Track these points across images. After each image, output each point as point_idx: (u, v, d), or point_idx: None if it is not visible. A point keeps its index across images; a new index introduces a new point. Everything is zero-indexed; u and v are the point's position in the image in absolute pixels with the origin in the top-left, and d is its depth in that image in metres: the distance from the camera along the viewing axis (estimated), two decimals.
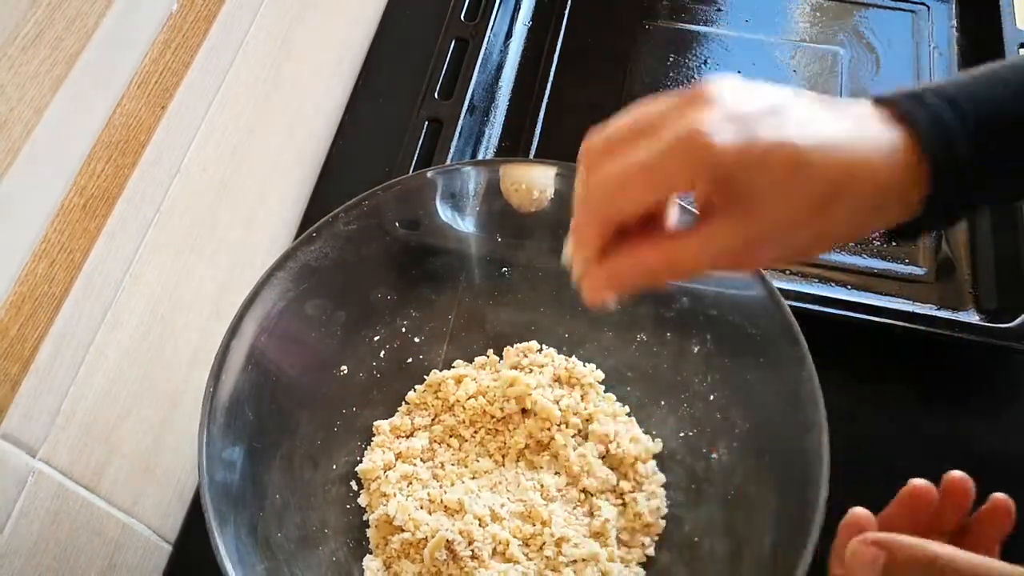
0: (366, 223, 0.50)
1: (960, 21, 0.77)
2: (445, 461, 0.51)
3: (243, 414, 0.45)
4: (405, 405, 0.54)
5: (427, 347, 0.55)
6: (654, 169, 0.30)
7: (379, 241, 0.51)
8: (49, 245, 0.40)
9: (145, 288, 0.48)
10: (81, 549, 0.44)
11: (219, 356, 0.44)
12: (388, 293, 0.53)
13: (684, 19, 0.78)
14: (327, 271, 0.49)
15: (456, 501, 0.47)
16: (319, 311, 0.50)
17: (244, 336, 0.45)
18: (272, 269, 0.47)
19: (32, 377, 0.40)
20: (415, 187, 0.52)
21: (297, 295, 0.48)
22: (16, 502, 0.40)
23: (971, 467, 0.37)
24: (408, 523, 0.47)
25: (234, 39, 0.54)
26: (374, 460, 0.51)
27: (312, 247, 0.48)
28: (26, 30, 0.37)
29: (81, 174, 0.41)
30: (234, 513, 0.42)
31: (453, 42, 0.70)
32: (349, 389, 0.52)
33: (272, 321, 0.47)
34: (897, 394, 0.58)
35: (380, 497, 0.49)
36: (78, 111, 0.41)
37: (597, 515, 0.48)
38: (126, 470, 0.48)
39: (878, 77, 0.74)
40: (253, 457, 0.45)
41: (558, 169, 0.52)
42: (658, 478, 0.50)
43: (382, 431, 0.52)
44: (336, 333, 0.52)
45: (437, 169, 0.53)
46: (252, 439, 0.45)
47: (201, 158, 0.51)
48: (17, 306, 0.38)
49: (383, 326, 0.54)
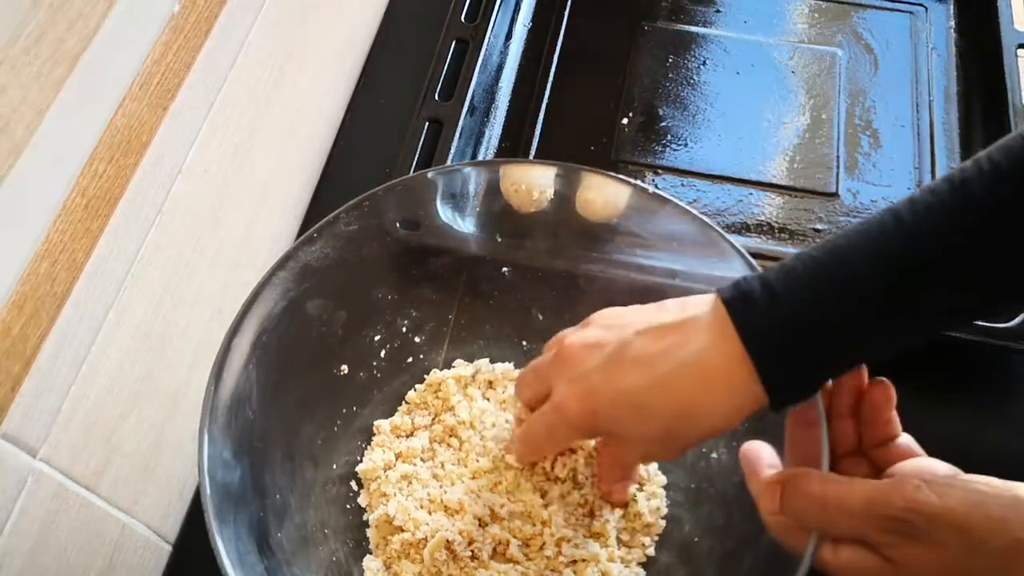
0: (367, 223, 0.50)
1: (958, 22, 0.77)
2: (445, 461, 0.51)
3: (244, 413, 0.45)
4: (405, 405, 0.54)
5: (427, 347, 0.55)
6: (551, 435, 0.44)
7: (380, 241, 0.52)
8: (51, 245, 0.40)
9: (147, 288, 0.48)
10: (81, 549, 0.45)
11: (220, 355, 0.44)
12: (389, 293, 0.54)
13: (683, 20, 0.78)
14: (328, 271, 0.49)
15: (456, 501, 0.47)
16: (320, 311, 0.51)
17: (245, 335, 0.45)
18: (273, 269, 0.47)
19: (33, 377, 0.40)
20: (416, 187, 0.52)
21: (298, 295, 0.48)
22: (16, 502, 0.40)
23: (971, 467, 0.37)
24: (408, 523, 0.47)
25: (235, 40, 0.54)
26: (374, 460, 0.51)
27: (313, 247, 0.49)
28: (28, 31, 0.37)
29: (83, 174, 0.41)
30: (234, 513, 0.42)
31: (453, 43, 0.70)
32: (349, 389, 0.52)
33: (273, 321, 0.47)
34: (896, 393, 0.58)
35: (380, 497, 0.49)
36: (80, 112, 0.41)
37: (598, 516, 0.48)
38: (126, 470, 0.48)
39: (876, 78, 0.74)
40: (254, 457, 0.45)
41: (558, 170, 0.52)
42: (659, 479, 0.50)
43: (382, 431, 0.53)
44: (337, 333, 0.52)
45: (438, 170, 0.53)
46: (253, 439, 0.45)
47: (203, 158, 0.51)
48: (19, 306, 0.38)
49: (383, 326, 0.54)
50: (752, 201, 0.67)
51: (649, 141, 0.70)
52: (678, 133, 0.70)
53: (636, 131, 0.71)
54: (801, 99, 0.73)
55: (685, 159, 0.69)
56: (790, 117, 0.71)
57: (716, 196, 0.67)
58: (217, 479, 0.41)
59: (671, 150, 0.69)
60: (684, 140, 0.70)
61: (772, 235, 0.65)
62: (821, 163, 0.69)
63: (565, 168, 0.52)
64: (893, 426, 0.39)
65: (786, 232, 0.65)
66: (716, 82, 0.73)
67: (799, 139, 0.70)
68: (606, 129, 0.70)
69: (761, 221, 0.65)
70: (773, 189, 0.67)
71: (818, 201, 0.67)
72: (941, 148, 0.69)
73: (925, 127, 0.71)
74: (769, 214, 0.66)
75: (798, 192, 0.67)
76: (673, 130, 0.71)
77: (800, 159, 0.69)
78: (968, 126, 0.70)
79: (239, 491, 0.43)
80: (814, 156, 0.69)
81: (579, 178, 0.52)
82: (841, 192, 0.67)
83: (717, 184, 0.67)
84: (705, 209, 0.66)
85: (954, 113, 0.72)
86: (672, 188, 0.67)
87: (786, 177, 0.68)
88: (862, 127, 0.71)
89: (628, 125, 0.71)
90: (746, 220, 0.65)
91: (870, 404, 0.39)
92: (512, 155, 0.69)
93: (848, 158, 0.69)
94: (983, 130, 0.70)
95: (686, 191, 0.67)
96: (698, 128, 0.71)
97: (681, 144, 0.70)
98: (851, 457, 0.40)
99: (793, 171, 0.68)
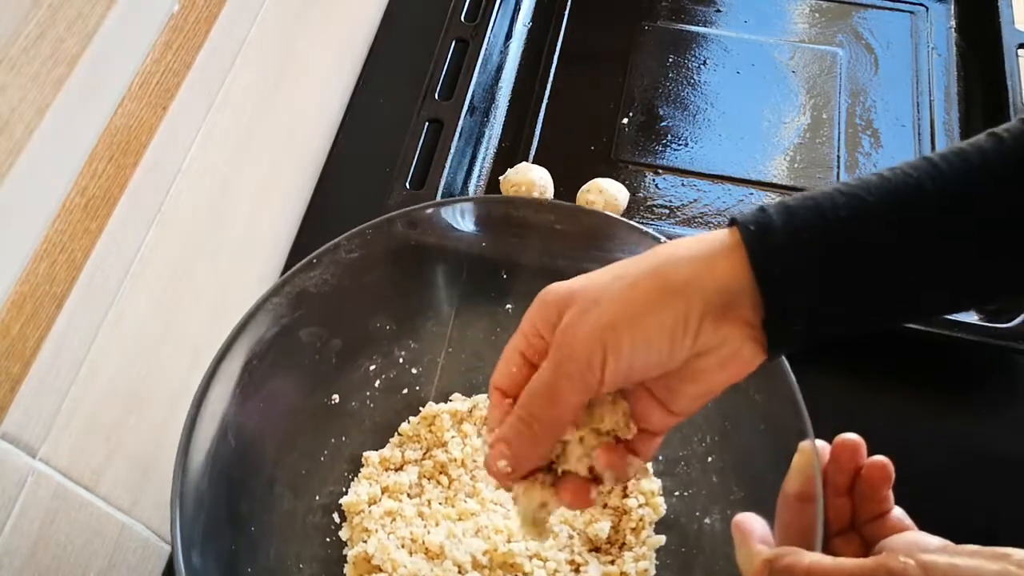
0: (369, 251, 0.49)
1: (959, 22, 0.77)
2: (432, 499, 0.50)
3: (225, 442, 0.43)
4: (397, 436, 0.53)
5: (424, 378, 0.54)
6: (550, 392, 0.34)
7: (381, 270, 0.50)
8: (50, 245, 0.40)
9: (146, 288, 0.48)
10: (81, 549, 0.44)
11: (203, 383, 0.42)
12: (387, 323, 0.52)
13: (683, 20, 0.78)
14: (325, 298, 0.48)
15: (438, 545, 0.46)
16: (314, 338, 0.49)
17: (233, 362, 0.44)
18: (268, 295, 0.46)
19: (33, 377, 0.40)
20: (421, 218, 0.50)
21: (292, 321, 0.47)
22: (16, 502, 0.40)
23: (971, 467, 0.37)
24: (387, 563, 0.46)
25: (235, 40, 0.54)
26: (359, 493, 0.50)
27: (312, 273, 0.47)
28: (27, 31, 0.37)
29: (83, 174, 0.41)
30: (202, 545, 0.40)
31: (453, 43, 0.70)
32: (340, 418, 0.51)
33: (264, 347, 0.46)
34: (897, 394, 0.58)
35: (362, 532, 0.48)
36: (80, 111, 0.41)
37: (583, 571, 0.47)
38: (126, 470, 0.48)
39: (876, 77, 0.74)
40: (232, 487, 0.44)
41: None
42: (653, 540, 0.49)
43: (371, 463, 0.52)
44: (330, 361, 0.50)
45: (445, 203, 0.51)
46: (232, 468, 0.44)
47: (202, 158, 0.51)
48: (18, 306, 0.38)
49: (380, 355, 0.53)
50: (753, 201, 0.67)
51: (649, 141, 0.70)
52: (678, 133, 0.70)
53: (636, 131, 0.70)
54: (802, 99, 0.72)
55: (686, 159, 0.69)
56: (791, 117, 0.71)
57: (717, 196, 0.67)
58: (189, 510, 0.40)
59: (672, 150, 0.69)
60: (685, 140, 0.70)
61: None
62: (822, 163, 0.69)
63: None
64: (888, 502, 0.38)
65: None
66: (716, 82, 0.73)
67: (800, 139, 0.70)
68: (606, 129, 0.70)
69: None
70: (774, 189, 0.67)
71: None
72: (942, 147, 0.69)
73: (926, 127, 0.71)
74: None
75: (799, 192, 0.67)
76: (673, 130, 0.70)
77: (801, 159, 0.69)
78: (969, 126, 0.70)
79: (212, 523, 0.42)
80: (815, 156, 0.69)
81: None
82: None
83: (718, 184, 0.67)
84: (706, 209, 0.66)
85: (955, 113, 0.71)
86: (673, 188, 0.67)
87: (787, 177, 0.68)
88: (863, 127, 0.71)
89: (628, 125, 0.71)
90: None
91: (868, 482, 0.37)
92: (512, 155, 0.69)
93: (849, 158, 0.69)
94: (984, 129, 0.69)
95: (687, 191, 0.67)
96: (699, 128, 0.71)
97: (682, 144, 0.70)
98: (843, 535, 0.38)
99: (794, 171, 0.68)
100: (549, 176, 0.64)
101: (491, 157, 0.69)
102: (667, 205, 0.66)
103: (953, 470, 0.55)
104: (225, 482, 0.43)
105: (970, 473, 0.55)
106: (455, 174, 0.65)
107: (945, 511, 0.54)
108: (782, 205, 0.34)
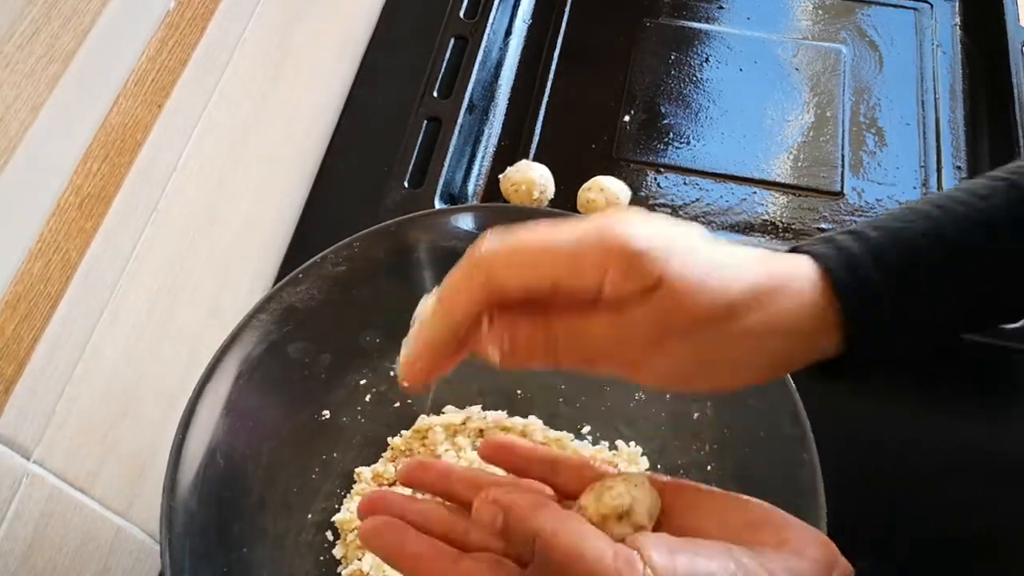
0: (357, 264, 0.48)
1: (963, 19, 0.77)
2: None
3: (214, 462, 0.43)
4: (390, 451, 0.52)
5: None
6: (563, 246, 0.29)
7: (369, 282, 0.49)
8: (45, 244, 0.39)
9: (142, 287, 0.47)
10: (75, 552, 0.44)
11: (190, 404, 0.42)
12: (377, 336, 0.51)
13: (685, 16, 0.77)
14: (313, 312, 0.47)
15: None
16: (302, 354, 0.48)
17: (220, 381, 0.43)
18: (253, 312, 0.45)
19: (27, 377, 0.39)
20: (409, 231, 0.50)
21: (280, 337, 0.46)
22: (10, 504, 0.39)
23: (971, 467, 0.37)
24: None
25: (231, 37, 0.53)
26: (352, 510, 0.49)
27: (298, 288, 0.46)
28: (22, 28, 0.36)
29: (77, 173, 0.41)
30: (195, 566, 0.40)
31: (452, 40, 0.69)
32: (331, 434, 0.50)
33: (251, 364, 0.45)
34: (897, 394, 0.57)
35: (356, 550, 0.48)
36: (74, 109, 0.40)
37: None
38: (121, 472, 0.48)
39: (881, 75, 0.73)
40: (222, 508, 0.43)
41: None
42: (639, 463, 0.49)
43: (363, 478, 0.51)
44: (320, 376, 0.49)
45: (431, 213, 0.50)
46: (222, 489, 0.43)
47: (198, 156, 0.51)
48: (12, 306, 0.38)
49: (370, 369, 0.51)
50: (756, 200, 0.66)
51: (651, 139, 0.69)
52: (681, 131, 0.70)
53: (638, 129, 0.70)
54: (805, 97, 0.72)
55: (688, 157, 0.68)
56: (794, 115, 0.71)
57: (719, 195, 0.66)
58: (179, 533, 0.39)
59: (673, 148, 0.69)
60: (687, 138, 0.69)
61: (776, 234, 0.64)
62: (826, 161, 0.68)
63: None
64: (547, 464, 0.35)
65: (790, 231, 0.64)
66: (719, 79, 0.73)
67: (803, 137, 0.69)
68: (608, 127, 0.70)
69: (765, 220, 0.65)
70: (777, 188, 0.67)
71: (823, 200, 0.66)
72: (947, 146, 0.69)
73: (931, 125, 0.70)
74: (773, 213, 0.65)
75: (802, 191, 0.67)
76: (675, 128, 0.70)
77: (804, 157, 0.68)
78: (974, 124, 0.70)
79: (203, 545, 0.41)
80: (818, 154, 0.69)
81: None
82: (846, 191, 0.66)
83: (720, 183, 0.67)
84: (708, 208, 0.65)
85: (960, 111, 0.71)
86: (675, 186, 0.67)
87: (790, 176, 0.67)
88: (867, 125, 0.70)
89: (630, 123, 0.70)
90: (750, 219, 0.65)
91: (513, 468, 0.36)
92: (512, 153, 0.68)
93: (853, 156, 0.68)
94: (989, 128, 0.69)
95: (689, 190, 0.66)
96: (701, 126, 0.70)
97: (684, 142, 0.69)
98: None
99: (797, 169, 0.68)
100: (550, 174, 0.64)
101: (491, 155, 0.68)
102: (669, 204, 0.66)
103: (956, 471, 0.55)
104: (215, 504, 0.42)
105: (969, 473, 0.55)
106: (454, 172, 0.64)
107: (948, 511, 0.54)
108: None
